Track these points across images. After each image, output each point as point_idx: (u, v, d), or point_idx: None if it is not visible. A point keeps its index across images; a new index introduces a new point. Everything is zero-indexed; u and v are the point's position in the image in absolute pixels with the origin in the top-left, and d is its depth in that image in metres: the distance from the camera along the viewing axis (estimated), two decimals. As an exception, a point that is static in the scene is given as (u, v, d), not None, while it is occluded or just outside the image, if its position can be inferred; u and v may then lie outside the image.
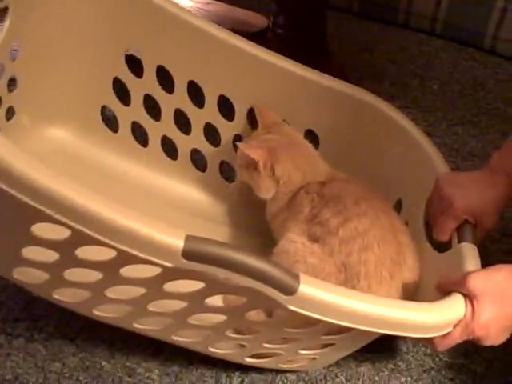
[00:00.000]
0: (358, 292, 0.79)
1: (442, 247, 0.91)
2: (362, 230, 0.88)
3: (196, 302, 0.78)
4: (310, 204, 0.94)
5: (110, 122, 1.15)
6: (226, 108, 1.11)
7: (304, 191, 0.97)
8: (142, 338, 0.97)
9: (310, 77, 1.08)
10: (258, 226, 1.07)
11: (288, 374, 0.97)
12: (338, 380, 0.97)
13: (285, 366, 0.95)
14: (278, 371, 0.97)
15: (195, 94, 1.10)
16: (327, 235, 0.89)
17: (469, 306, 0.76)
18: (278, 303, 0.71)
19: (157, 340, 0.96)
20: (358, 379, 0.97)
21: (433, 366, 0.99)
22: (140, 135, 1.16)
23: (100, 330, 0.98)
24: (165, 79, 1.09)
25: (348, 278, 0.86)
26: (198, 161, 1.17)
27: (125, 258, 0.68)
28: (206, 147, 1.15)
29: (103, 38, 1.07)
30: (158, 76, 1.10)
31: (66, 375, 0.94)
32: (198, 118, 1.12)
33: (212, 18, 1.47)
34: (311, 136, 1.09)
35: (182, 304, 0.79)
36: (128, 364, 0.96)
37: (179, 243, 0.66)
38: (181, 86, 1.10)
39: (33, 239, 0.71)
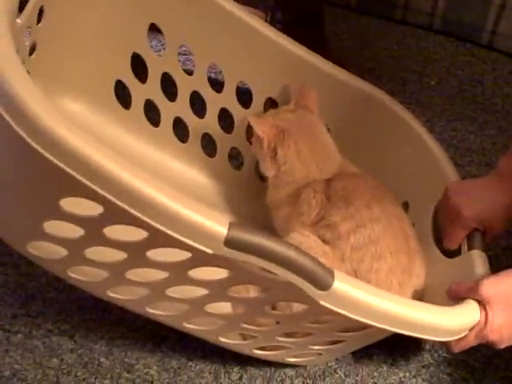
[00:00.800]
0: (388, 293, 0.78)
1: (450, 253, 0.92)
2: (374, 237, 0.87)
3: (218, 290, 0.77)
4: (318, 207, 0.92)
5: (124, 98, 1.13)
6: (243, 95, 1.10)
7: (311, 189, 0.94)
8: (140, 334, 0.97)
9: (329, 70, 1.08)
10: (261, 215, 1.05)
11: (287, 370, 0.97)
12: (336, 375, 0.97)
13: (291, 360, 0.95)
14: (277, 367, 0.97)
15: (216, 78, 1.09)
16: (337, 240, 0.87)
17: (482, 311, 0.78)
18: (310, 298, 0.71)
19: (155, 336, 0.96)
20: (357, 375, 0.97)
21: (431, 361, 0.99)
22: (152, 115, 1.14)
23: (98, 326, 0.98)
24: (186, 59, 1.07)
25: None
26: (207, 146, 1.16)
27: (157, 240, 0.66)
28: (218, 133, 1.13)
29: (124, 10, 1.04)
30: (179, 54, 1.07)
31: (65, 371, 0.94)
32: (215, 102, 1.10)
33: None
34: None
35: (202, 291, 0.77)
36: (127, 360, 0.96)
37: (223, 230, 0.64)
38: (201, 68, 1.07)
39: (60, 213, 0.67)
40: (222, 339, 0.90)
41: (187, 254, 0.68)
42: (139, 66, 1.10)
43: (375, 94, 1.09)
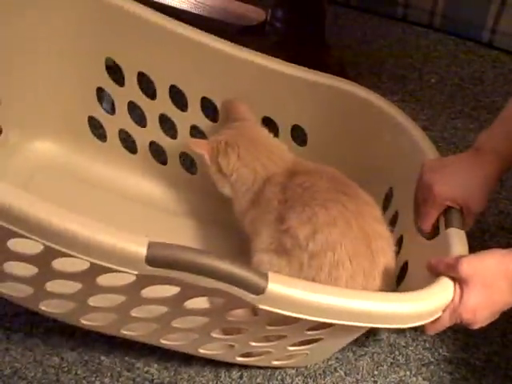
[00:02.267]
0: (336, 288, 0.79)
1: (429, 235, 0.90)
2: (332, 242, 0.83)
3: (175, 306, 0.79)
4: (277, 203, 0.90)
5: (99, 131, 1.14)
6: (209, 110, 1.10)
7: (271, 187, 0.93)
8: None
9: (292, 72, 1.06)
10: (222, 218, 1.07)
11: (287, 369, 0.97)
12: (337, 374, 0.97)
13: (277, 363, 0.94)
14: (277, 365, 0.97)
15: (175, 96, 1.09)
16: (297, 248, 0.85)
17: (458, 290, 0.76)
18: (249, 303, 0.71)
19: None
20: (357, 373, 0.97)
21: (432, 360, 0.99)
22: (128, 143, 1.14)
23: (99, 325, 0.98)
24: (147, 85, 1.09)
25: None
26: (189, 165, 1.16)
27: (97, 268, 0.69)
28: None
29: (82, 49, 1.05)
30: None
31: (65, 369, 0.94)
32: (183, 121, 1.10)
33: (209, 12, 1.47)
34: (298, 131, 1.09)
35: (162, 309, 0.80)
36: (127, 358, 0.96)
37: (142, 250, 0.66)
38: (163, 91, 1.08)
39: (10, 254, 0.72)
40: (202, 351, 0.91)
41: (131, 277, 0.70)
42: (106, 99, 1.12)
43: (345, 87, 1.06)
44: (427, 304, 0.76)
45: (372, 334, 1.01)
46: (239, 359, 0.93)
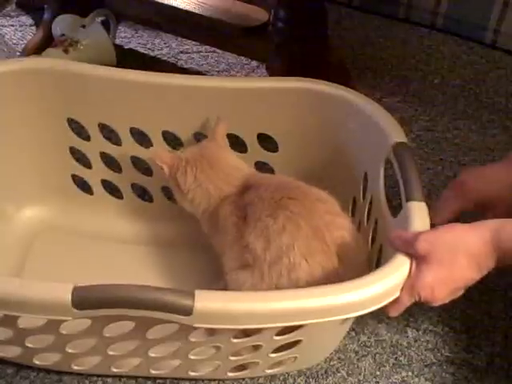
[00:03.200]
0: (265, 292, 0.80)
1: (396, 211, 0.89)
2: (285, 247, 0.85)
3: (140, 338, 0.81)
4: (235, 225, 0.92)
5: (85, 186, 1.15)
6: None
7: (225, 206, 0.95)
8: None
9: (240, 85, 1.08)
10: (187, 241, 1.09)
11: (289, 369, 0.97)
12: (339, 374, 0.97)
13: (270, 372, 0.94)
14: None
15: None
16: (257, 261, 0.87)
17: (414, 266, 0.76)
18: (185, 325, 0.73)
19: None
20: (360, 374, 0.97)
21: (434, 360, 0.99)
22: (114, 190, 1.15)
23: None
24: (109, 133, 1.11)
25: None
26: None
27: (51, 320, 0.75)
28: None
29: (46, 116, 1.08)
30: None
31: (67, 370, 0.95)
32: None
33: (211, 12, 1.47)
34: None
35: (131, 343, 0.83)
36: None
37: (67, 297, 0.71)
38: (125, 136, 1.09)
39: None
40: (193, 373, 0.91)
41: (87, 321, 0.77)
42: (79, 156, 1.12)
43: (303, 86, 1.06)
44: (378, 288, 0.75)
45: (374, 334, 1.01)
46: (231, 374, 0.92)
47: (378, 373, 0.97)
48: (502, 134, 1.39)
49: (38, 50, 1.48)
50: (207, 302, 0.73)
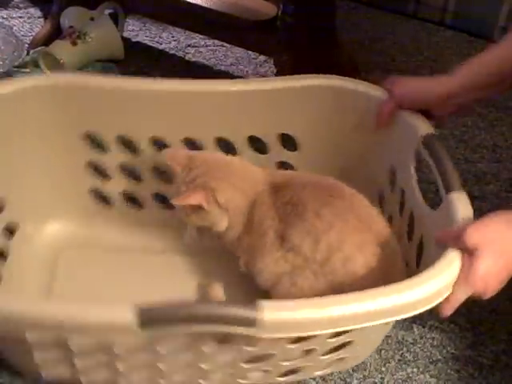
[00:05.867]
0: (325, 297, 0.76)
1: (434, 204, 0.89)
2: (336, 244, 0.85)
3: (194, 352, 0.81)
4: (272, 224, 0.91)
5: (106, 199, 1.13)
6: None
7: (260, 207, 0.93)
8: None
9: (260, 87, 1.05)
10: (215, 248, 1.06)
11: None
12: (344, 370, 0.97)
13: (320, 373, 0.94)
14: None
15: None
16: (307, 262, 0.87)
17: (466, 261, 0.74)
18: (252, 337, 0.72)
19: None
20: (365, 369, 0.97)
21: (439, 357, 0.99)
22: (135, 202, 1.14)
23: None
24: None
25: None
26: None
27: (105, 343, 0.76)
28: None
29: (62, 132, 1.06)
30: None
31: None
32: None
33: (220, 6, 1.47)
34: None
35: (184, 357, 0.82)
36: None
37: (132, 319, 0.69)
38: (146, 145, 1.08)
39: (33, 345, 0.77)
40: (243, 381, 0.91)
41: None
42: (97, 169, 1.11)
43: (325, 83, 1.05)
44: (431, 287, 0.73)
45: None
46: (280, 379, 0.92)
47: (383, 369, 0.97)
48: (510, 132, 1.38)
49: (46, 41, 1.48)
50: (271, 311, 0.71)
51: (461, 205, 0.82)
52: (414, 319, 1.03)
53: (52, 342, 0.77)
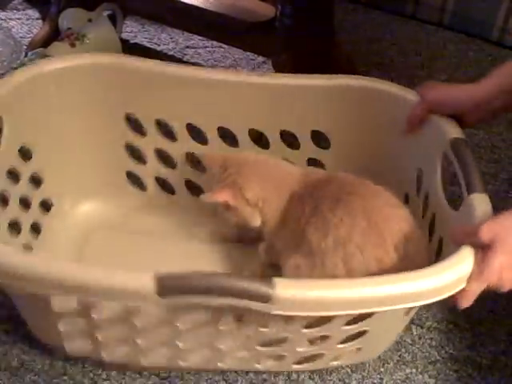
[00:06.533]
0: (343, 279, 0.81)
1: (456, 205, 0.90)
2: (342, 240, 0.88)
3: (211, 329, 0.82)
4: (301, 218, 0.94)
5: (139, 183, 1.15)
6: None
7: (295, 205, 0.96)
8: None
9: (301, 82, 1.07)
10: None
11: (293, 365, 0.97)
12: (343, 371, 0.97)
13: (335, 364, 0.95)
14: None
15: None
16: (314, 251, 0.89)
17: (481, 256, 0.76)
18: (263, 312, 0.73)
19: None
20: (364, 370, 0.97)
21: (438, 358, 0.99)
22: (167, 187, 1.16)
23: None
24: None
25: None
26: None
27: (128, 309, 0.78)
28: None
29: (105, 112, 1.08)
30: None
31: (72, 362, 0.95)
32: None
33: (218, 7, 1.47)
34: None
35: (201, 335, 0.83)
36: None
37: (151, 284, 0.71)
38: (182, 132, 1.10)
39: (57, 314, 0.81)
40: (259, 366, 0.92)
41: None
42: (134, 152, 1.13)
43: (355, 83, 1.06)
44: (443, 278, 0.75)
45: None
46: (295, 367, 0.93)
47: (381, 369, 0.97)
48: (508, 132, 1.39)
49: (44, 43, 1.48)
50: (289, 288, 0.73)
51: (481, 206, 0.84)
52: (413, 320, 1.03)
53: (76, 310, 0.79)
